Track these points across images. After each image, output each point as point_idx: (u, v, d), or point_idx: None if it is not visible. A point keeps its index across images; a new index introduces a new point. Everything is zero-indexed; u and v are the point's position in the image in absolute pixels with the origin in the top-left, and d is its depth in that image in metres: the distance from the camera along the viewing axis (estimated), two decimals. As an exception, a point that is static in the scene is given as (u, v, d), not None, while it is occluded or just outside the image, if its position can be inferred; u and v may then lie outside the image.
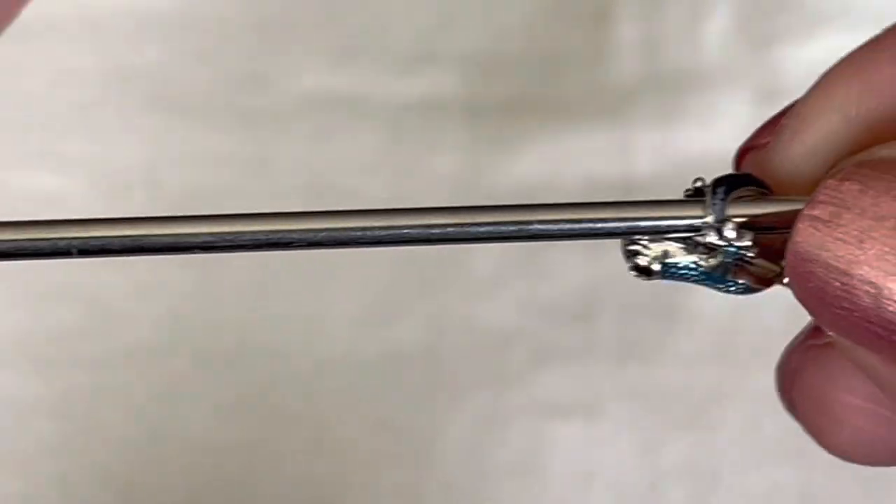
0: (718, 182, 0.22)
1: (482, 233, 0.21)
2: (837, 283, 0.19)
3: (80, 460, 0.42)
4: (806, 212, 0.20)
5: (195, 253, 0.21)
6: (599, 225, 0.22)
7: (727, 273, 0.22)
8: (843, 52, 0.22)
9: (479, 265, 0.43)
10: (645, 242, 0.22)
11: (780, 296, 0.45)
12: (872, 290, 0.19)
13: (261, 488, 0.42)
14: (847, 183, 0.19)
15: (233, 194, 0.43)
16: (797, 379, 0.23)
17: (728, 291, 0.23)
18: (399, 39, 0.44)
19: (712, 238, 0.22)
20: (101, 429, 0.42)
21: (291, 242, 0.21)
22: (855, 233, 0.19)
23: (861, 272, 0.19)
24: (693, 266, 0.22)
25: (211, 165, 0.43)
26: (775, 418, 0.42)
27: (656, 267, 0.22)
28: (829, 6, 0.43)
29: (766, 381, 0.43)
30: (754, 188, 0.22)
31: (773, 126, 0.22)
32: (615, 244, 0.43)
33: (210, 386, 0.43)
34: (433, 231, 0.21)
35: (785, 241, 0.21)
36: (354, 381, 0.43)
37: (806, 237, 0.20)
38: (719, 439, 0.42)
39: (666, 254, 0.22)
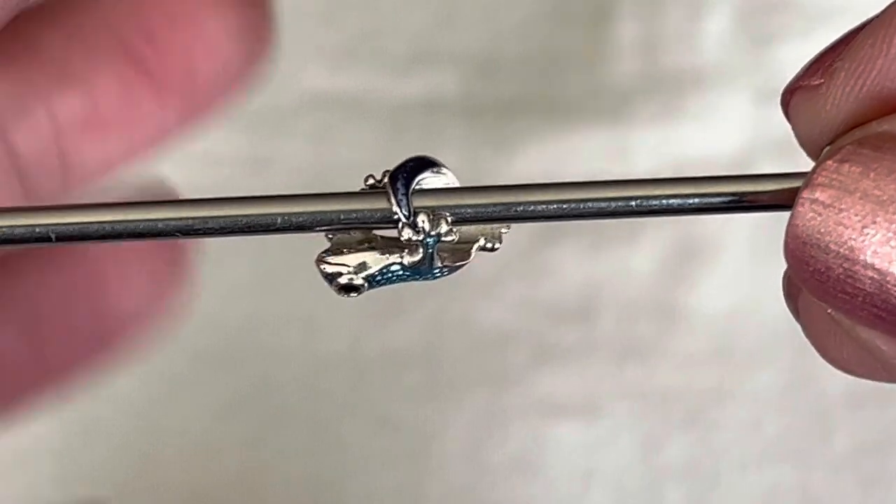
0: (395, 175, 0.21)
1: None
2: (840, 269, 0.19)
3: (80, 460, 0.42)
4: (805, 194, 0.19)
5: (175, 238, 0.21)
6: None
7: (433, 262, 0.21)
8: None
9: (478, 265, 0.43)
10: (340, 260, 0.21)
11: (780, 295, 0.45)
12: (876, 276, 0.18)
13: (261, 488, 0.42)
14: (847, 164, 0.19)
15: (232, 194, 0.43)
16: (801, 291, 0.22)
17: (434, 278, 0.22)
18: (399, 39, 0.44)
19: (408, 234, 0.21)
20: (102, 429, 0.42)
21: (273, 225, 0.21)
22: (857, 218, 0.18)
23: (864, 257, 0.18)
24: (397, 268, 0.21)
25: (211, 165, 0.43)
26: (775, 418, 0.42)
27: (359, 281, 0.21)
28: (828, 5, 0.43)
29: (766, 381, 0.43)
30: (434, 171, 0.22)
31: (823, 64, 0.21)
32: (614, 244, 0.43)
33: (210, 386, 0.43)
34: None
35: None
36: (354, 381, 0.43)
37: (806, 221, 0.19)
38: (719, 439, 0.42)
39: (364, 265, 0.21)
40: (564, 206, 0.21)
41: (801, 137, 0.21)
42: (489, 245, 0.22)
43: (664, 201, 0.21)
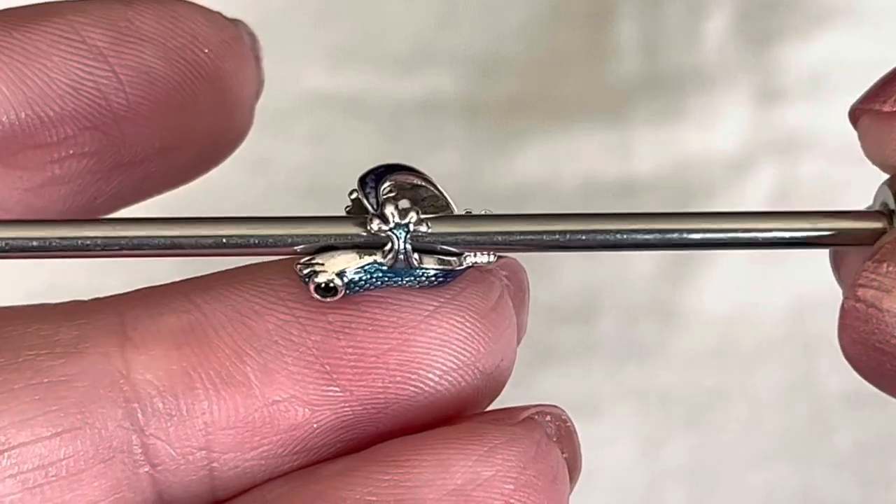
0: (364, 176, 0.22)
1: None
2: (891, 366, 0.19)
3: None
4: (849, 296, 0.19)
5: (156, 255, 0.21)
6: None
7: (410, 263, 0.21)
8: (843, 52, 0.21)
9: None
10: (320, 260, 0.21)
11: (779, 296, 0.45)
12: None
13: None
14: (885, 264, 0.19)
15: (233, 194, 0.43)
16: (843, 261, 0.22)
17: (424, 284, 0.22)
18: (399, 39, 0.44)
19: (377, 224, 0.21)
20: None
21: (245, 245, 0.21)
22: None
23: None
24: (373, 267, 0.21)
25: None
26: (775, 418, 0.42)
27: (338, 282, 0.21)
28: (828, 5, 0.43)
29: (766, 381, 0.43)
30: (407, 174, 0.22)
31: (891, 88, 0.21)
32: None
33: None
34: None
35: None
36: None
37: (852, 322, 0.19)
38: (719, 439, 0.42)
39: (343, 272, 0.21)
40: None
41: (870, 156, 0.22)
42: (482, 260, 0.22)
43: (752, 234, 0.21)
